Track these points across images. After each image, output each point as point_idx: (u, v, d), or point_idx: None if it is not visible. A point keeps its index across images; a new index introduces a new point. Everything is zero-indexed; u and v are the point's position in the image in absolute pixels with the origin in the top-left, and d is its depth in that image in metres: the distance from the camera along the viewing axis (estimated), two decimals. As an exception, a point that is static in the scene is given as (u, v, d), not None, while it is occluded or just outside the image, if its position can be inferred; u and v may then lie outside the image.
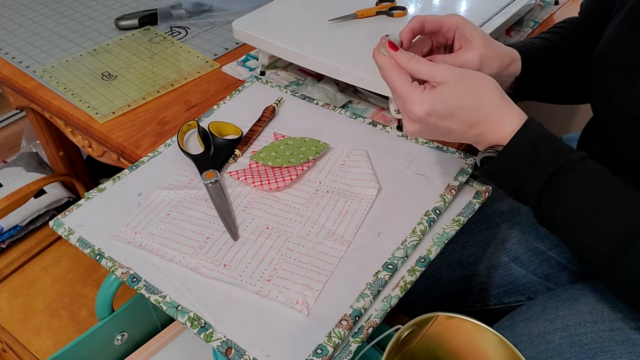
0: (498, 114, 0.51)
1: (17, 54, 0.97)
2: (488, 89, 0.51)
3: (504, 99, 0.51)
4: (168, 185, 0.65)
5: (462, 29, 0.58)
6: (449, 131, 0.52)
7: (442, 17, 0.59)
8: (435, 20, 0.58)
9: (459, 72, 0.51)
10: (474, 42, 0.57)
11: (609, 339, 0.55)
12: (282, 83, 0.86)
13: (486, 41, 0.59)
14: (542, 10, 1.04)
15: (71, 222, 0.60)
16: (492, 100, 0.51)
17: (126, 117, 0.82)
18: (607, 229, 0.48)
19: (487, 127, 0.51)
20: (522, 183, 0.52)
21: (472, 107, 0.50)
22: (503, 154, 0.51)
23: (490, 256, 0.76)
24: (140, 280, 0.53)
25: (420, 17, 0.58)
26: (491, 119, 0.51)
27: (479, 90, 0.51)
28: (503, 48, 0.62)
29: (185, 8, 1.05)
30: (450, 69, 0.51)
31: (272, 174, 0.64)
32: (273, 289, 0.52)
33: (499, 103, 0.51)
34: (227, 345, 0.48)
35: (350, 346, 0.48)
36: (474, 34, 0.58)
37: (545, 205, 0.51)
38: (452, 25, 0.58)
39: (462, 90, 0.50)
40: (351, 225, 0.58)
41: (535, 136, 0.50)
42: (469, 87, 0.50)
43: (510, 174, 0.52)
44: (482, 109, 0.50)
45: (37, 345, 0.93)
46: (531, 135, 0.50)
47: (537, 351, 0.58)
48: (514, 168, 0.51)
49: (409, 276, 0.53)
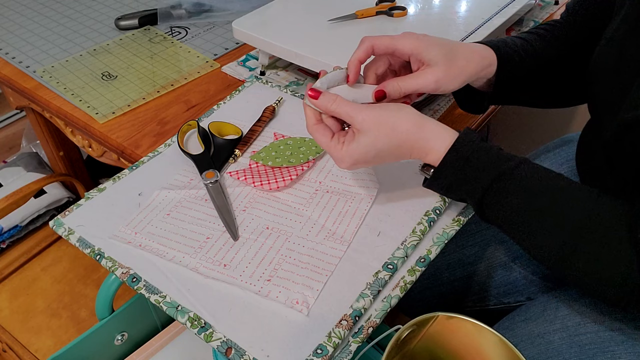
0: (420, 145, 0.53)
1: (17, 54, 0.97)
2: (403, 128, 0.52)
3: (423, 130, 0.53)
4: (168, 185, 0.65)
5: (417, 54, 0.56)
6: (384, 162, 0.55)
7: (394, 42, 0.57)
8: (386, 45, 0.57)
9: (374, 117, 0.52)
10: (432, 65, 0.56)
11: (609, 340, 0.55)
12: (282, 83, 0.87)
13: (448, 61, 0.56)
14: (542, 10, 1.04)
15: (71, 222, 0.60)
16: (410, 136, 0.53)
17: (126, 117, 0.82)
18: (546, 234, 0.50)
19: (416, 156, 0.54)
20: (462, 197, 0.55)
21: (393, 147, 0.53)
22: (435, 176, 0.54)
23: (490, 256, 0.76)
24: (140, 280, 0.53)
25: (370, 41, 0.57)
26: (415, 151, 0.53)
27: (394, 131, 0.52)
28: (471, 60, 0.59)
29: (185, 8, 1.05)
30: (368, 114, 0.52)
31: (272, 174, 0.64)
32: (273, 289, 0.52)
33: (418, 136, 0.53)
34: (227, 345, 0.48)
35: (350, 346, 0.48)
36: (433, 56, 0.56)
37: (487, 214, 0.53)
38: (406, 50, 0.57)
39: (378, 137, 0.52)
40: (351, 225, 0.58)
41: (467, 152, 0.52)
42: (384, 132, 0.52)
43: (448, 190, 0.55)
44: (402, 146, 0.53)
45: (37, 345, 0.93)
46: (461, 153, 0.52)
47: (537, 351, 0.58)
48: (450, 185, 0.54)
49: (409, 276, 0.53)
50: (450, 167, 0.52)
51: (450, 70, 0.56)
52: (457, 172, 0.52)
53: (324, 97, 0.53)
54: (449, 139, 0.52)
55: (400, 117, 0.53)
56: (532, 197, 0.50)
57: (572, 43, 0.65)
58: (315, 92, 0.53)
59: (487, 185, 0.51)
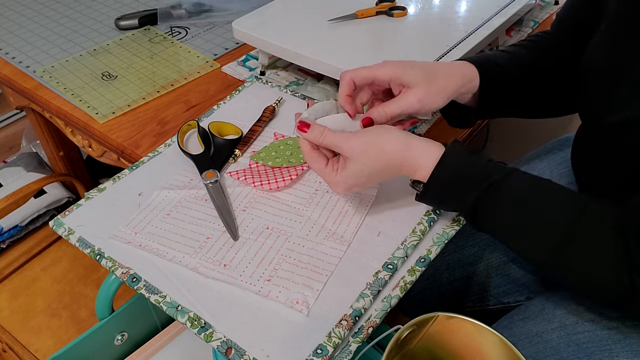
0: (408, 164, 0.54)
1: (17, 54, 0.97)
2: (390, 150, 0.54)
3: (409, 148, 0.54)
4: (168, 185, 0.65)
5: (396, 79, 0.58)
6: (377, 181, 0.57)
7: (372, 72, 0.58)
8: (364, 75, 0.58)
9: (361, 143, 0.54)
10: (412, 87, 0.57)
11: (606, 338, 0.55)
12: (282, 83, 0.87)
13: (428, 80, 0.57)
14: (542, 10, 1.04)
15: (71, 222, 0.60)
16: (397, 156, 0.54)
17: (126, 117, 0.82)
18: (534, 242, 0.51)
19: (406, 173, 0.55)
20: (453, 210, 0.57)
21: (382, 168, 0.54)
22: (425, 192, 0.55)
23: (490, 256, 0.76)
24: (140, 280, 0.53)
25: (349, 75, 0.58)
26: (404, 169, 0.55)
27: (382, 154, 0.54)
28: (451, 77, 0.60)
29: (185, 8, 1.05)
30: (355, 142, 0.54)
31: (272, 174, 0.64)
32: (273, 289, 0.52)
33: (405, 155, 0.54)
34: (227, 345, 0.48)
35: (350, 346, 0.48)
36: (412, 77, 0.57)
37: (478, 224, 0.55)
38: (385, 78, 0.58)
39: (366, 162, 0.53)
40: (351, 225, 0.58)
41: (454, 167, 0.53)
42: (371, 157, 0.53)
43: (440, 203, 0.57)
44: (391, 167, 0.54)
45: (37, 345, 0.93)
46: (449, 168, 0.53)
47: (535, 350, 0.58)
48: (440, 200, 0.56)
49: (409, 276, 0.53)
50: (438, 183, 0.53)
51: (431, 88, 0.57)
52: (445, 187, 0.54)
53: (313, 130, 0.55)
54: (435, 154, 0.53)
55: (386, 139, 0.54)
56: (520, 208, 0.51)
57: (560, 52, 0.66)
58: (303, 125, 0.55)
59: (475, 199, 0.52)
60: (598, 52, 0.58)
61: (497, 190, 0.51)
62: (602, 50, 0.57)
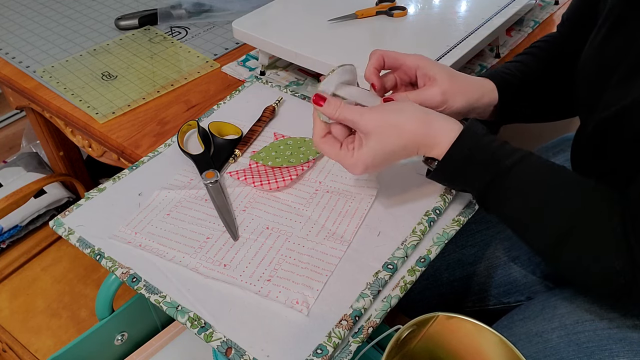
0: (426, 141, 0.53)
1: (17, 54, 0.97)
2: (409, 125, 0.53)
3: (428, 125, 0.53)
4: (168, 185, 0.65)
5: (423, 67, 0.59)
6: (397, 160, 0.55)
7: (402, 56, 0.60)
8: (395, 57, 0.60)
9: (378, 119, 0.53)
10: (437, 79, 0.59)
11: (607, 338, 0.55)
12: (282, 83, 0.87)
13: (451, 77, 0.59)
14: (542, 10, 1.04)
15: (71, 222, 0.60)
16: (416, 133, 0.53)
17: (126, 117, 0.82)
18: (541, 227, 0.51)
19: (424, 152, 0.54)
20: (464, 189, 0.57)
21: (401, 147, 0.53)
22: (439, 168, 0.54)
23: (490, 256, 0.76)
24: (140, 280, 0.53)
25: (379, 52, 0.60)
26: (422, 147, 0.54)
27: (401, 131, 0.53)
28: (471, 84, 0.62)
29: (185, 8, 1.05)
30: (371, 118, 0.52)
31: (272, 174, 0.64)
32: (273, 289, 0.52)
33: (423, 132, 0.53)
34: (227, 345, 0.48)
35: (350, 346, 0.48)
36: (437, 71, 0.59)
37: (488, 207, 0.55)
38: (413, 65, 0.60)
39: (385, 139, 0.52)
40: (351, 225, 0.58)
41: (470, 147, 0.52)
42: (391, 132, 0.52)
43: (451, 181, 0.57)
44: (409, 145, 0.53)
45: (37, 345, 0.93)
46: (464, 148, 0.52)
47: (535, 350, 0.58)
48: (453, 178, 0.55)
49: (409, 276, 0.53)
50: (453, 162, 0.53)
51: (454, 87, 0.59)
52: (459, 167, 0.53)
53: (329, 104, 0.54)
54: (453, 133, 0.53)
55: (405, 117, 0.53)
56: (529, 193, 0.51)
57: (567, 54, 0.66)
58: (319, 99, 0.54)
59: (488, 181, 0.52)
60: (591, 48, 0.58)
61: (509, 175, 0.51)
62: (595, 46, 0.58)
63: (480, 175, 0.52)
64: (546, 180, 0.52)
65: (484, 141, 0.53)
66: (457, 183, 0.56)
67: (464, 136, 0.53)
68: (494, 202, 0.54)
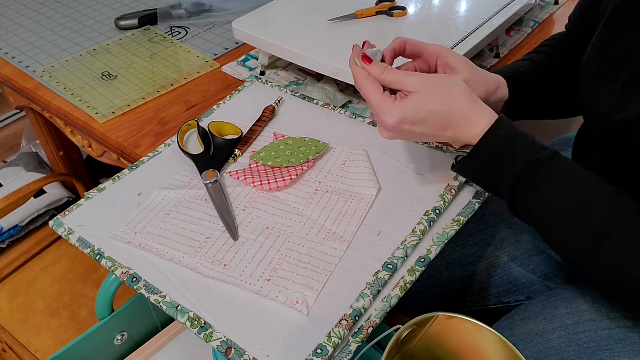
0: (469, 116, 0.52)
1: (17, 54, 0.97)
2: (457, 93, 0.52)
3: (474, 101, 0.53)
4: (168, 185, 0.65)
5: (444, 57, 0.60)
6: (424, 135, 0.54)
7: (424, 45, 0.60)
8: (417, 45, 0.60)
9: (429, 79, 0.52)
10: (458, 68, 0.59)
11: (608, 338, 0.55)
12: (282, 83, 0.87)
13: (471, 67, 0.60)
14: (542, 10, 1.04)
15: (71, 222, 0.60)
16: (462, 103, 0.52)
17: (126, 117, 0.82)
18: (579, 226, 0.49)
19: (460, 129, 0.53)
20: (496, 180, 0.53)
21: (443, 112, 0.52)
22: (474, 153, 0.53)
23: (490, 256, 0.76)
24: (140, 280, 0.53)
25: (403, 39, 0.60)
26: (463, 122, 0.52)
27: (448, 95, 0.52)
28: (488, 75, 0.63)
29: (185, 8, 1.05)
30: (420, 78, 0.52)
31: (272, 174, 0.64)
32: (273, 289, 0.52)
33: (468, 105, 0.52)
34: (227, 345, 0.48)
35: (350, 346, 0.48)
36: (458, 61, 0.59)
37: (519, 202, 0.52)
38: (434, 53, 0.60)
39: (431, 98, 0.51)
40: (351, 225, 0.58)
41: (506, 135, 0.51)
42: (438, 94, 0.52)
43: (483, 171, 0.54)
44: (452, 113, 0.52)
45: (37, 345, 0.93)
46: (501, 134, 0.51)
47: (536, 350, 0.58)
48: (486, 166, 0.53)
49: (409, 276, 0.53)
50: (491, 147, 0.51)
51: (474, 76, 0.59)
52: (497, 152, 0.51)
53: (376, 64, 0.53)
54: (492, 117, 0.52)
55: (455, 84, 0.53)
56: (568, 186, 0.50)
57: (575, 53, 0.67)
58: (366, 58, 0.54)
59: (524, 168, 0.50)
60: (593, 50, 0.58)
61: (546, 165, 0.50)
62: (597, 47, 0.58)
63: (517, 163, 0.50)
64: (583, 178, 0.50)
65: (518, 132, 0.52)
66: (487, 174, 0.53)
67: (500, 124, 0.51)
68: (526, 196, 0.51)
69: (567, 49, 0.69)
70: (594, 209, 0.49)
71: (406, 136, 0.54)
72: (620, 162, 0.55)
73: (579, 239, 0.49)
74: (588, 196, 0.49)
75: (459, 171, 0.56)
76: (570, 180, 0.50)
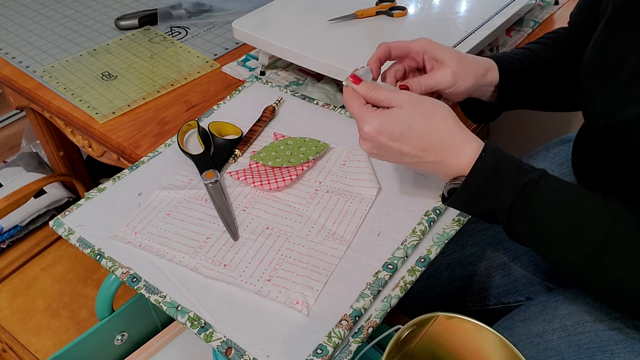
0: (452, 141, 0.52)
1: (17, 54, 0.97)
2: (440, 116, 0.52)
3: (458, 127, 0.53)
4: (168, 185, 0.65)
5: (429, 51, 0.60)
6: (402, 153, 0.53)
7: (408, 43, 0.61)
8: (401, 46, 0.61)
9: (416, 97, 0.53)
10: (445, 60, 0.59)
11: (608, 339, 0.55)
12: (282, 83, 0.87)
13: (458, 57, 0.60)
14: (542, 10, 1.04)
15: (71, 222, 0.60)
16: (444, 126, 0.52)
17: (126, 117, 0.82)
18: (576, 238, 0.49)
19: (443, 155, 0.52)
20: (490, 207, 0.53)
21: (422, 129, 0.51)
22: (467, 183, 0.52)
23: (490, 256, 0.76)
24: (140, 280, 0.53)
25: (386, 44, 0.61)
26: (445, 146, 0.52)
27: (431, 116, 0.52)
28: (477, 60, 0.64)
29: (185, 8, 1.05)
30: (408, 95, 0.52)
31: (272, 174, 0.64)
32: (273, 289, 0.52)
33: (452, 130, 0.52)
34: (227, 345, 0.48)
35: (350, 346, 0.48)
36: (444, 53, 0.60)
37: (515, 224, 0.52)
38: (419, 50, 0.61)
39: (412, 114, 0.51)
40: (351, 225, 0.58)
41: (495, 161, 0.51)
42: (420, 112, 0.52)
43: (476, 201, 0.53)
44: (432, 134, 0.52)
45: (37, 345, 0.93)
46: (490, 160, 0.51)
47: (536, 351, 0.58)
48: (479, 194, 0.52)
49: (409, 276, 0.53)
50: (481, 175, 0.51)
51: (462, 66, 0.60)
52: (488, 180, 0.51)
53: (364, 84, 0.54)
54: (477, 145, 0.52)
55: (441, 107, 0.53)
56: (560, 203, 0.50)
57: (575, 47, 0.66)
58: (356, 79, 0.54)
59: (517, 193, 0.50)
60: (594, 48, 0.58)
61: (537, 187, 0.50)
62: (598, 45, 0.58)
63: (509, 188, 0.50)
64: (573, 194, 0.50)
65: (506, 156, 0.52)
66: (480, 202, 0.52)
67: (488, 150, 0.51)
68: (522, 218, 0.51)
69: (568, 43, 0.69)
70: (588, 220, 0.49)
71: (384, 152, 0.53)
72: (620, 161, 0.55)
73: (578, 250, 0.49)
74: (581, 209, 0.50)
75: (452, 204, 0.55)
76: (561, 197, 0.50)
